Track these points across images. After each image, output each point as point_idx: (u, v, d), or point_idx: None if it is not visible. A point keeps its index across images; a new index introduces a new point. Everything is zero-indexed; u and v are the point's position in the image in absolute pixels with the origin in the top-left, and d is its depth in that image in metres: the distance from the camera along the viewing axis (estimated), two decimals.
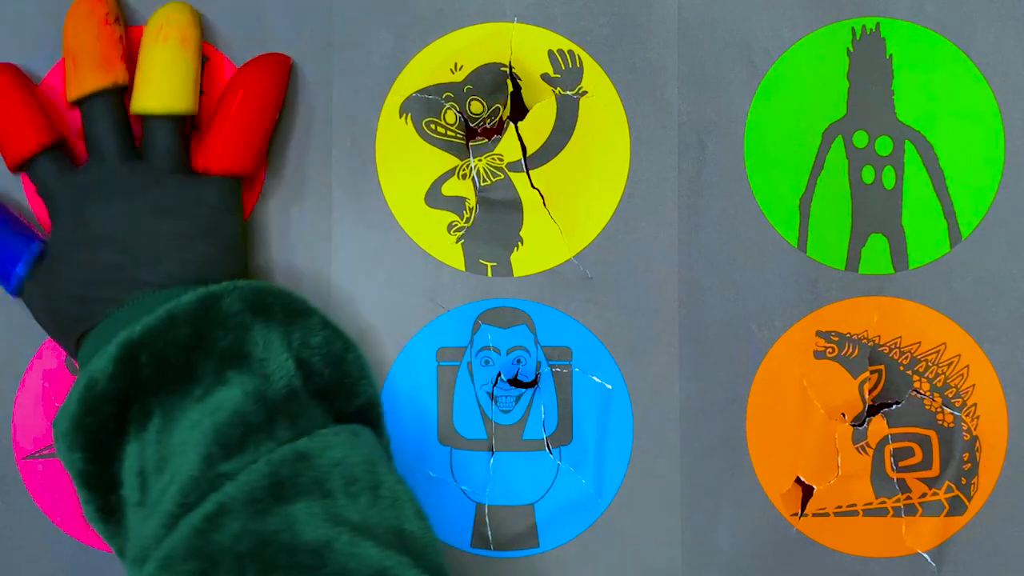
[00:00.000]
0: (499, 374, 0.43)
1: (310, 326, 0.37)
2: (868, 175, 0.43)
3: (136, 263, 0.37)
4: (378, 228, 0.43)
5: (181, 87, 0.39)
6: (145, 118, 0.39)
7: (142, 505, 0.34)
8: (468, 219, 0.43)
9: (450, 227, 0.43)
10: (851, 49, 0.43)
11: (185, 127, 0.40)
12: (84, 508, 0.36)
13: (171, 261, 0.38)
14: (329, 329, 0.38)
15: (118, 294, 0.37)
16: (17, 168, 0.40)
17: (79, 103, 0.39)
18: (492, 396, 0.43)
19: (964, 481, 0.42)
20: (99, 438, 0.35)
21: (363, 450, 0.35)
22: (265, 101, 0.40)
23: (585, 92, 0.43)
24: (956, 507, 0.42)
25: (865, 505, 0.43)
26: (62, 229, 0.39)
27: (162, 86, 0.39)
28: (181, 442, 0.34)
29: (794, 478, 0.43)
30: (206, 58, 0.43)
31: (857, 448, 0.43)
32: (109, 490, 0.35)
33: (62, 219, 0.39)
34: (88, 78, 0.39)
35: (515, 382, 0.43)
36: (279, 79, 0.41)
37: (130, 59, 0.40)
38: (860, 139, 0.43)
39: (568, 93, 0.43)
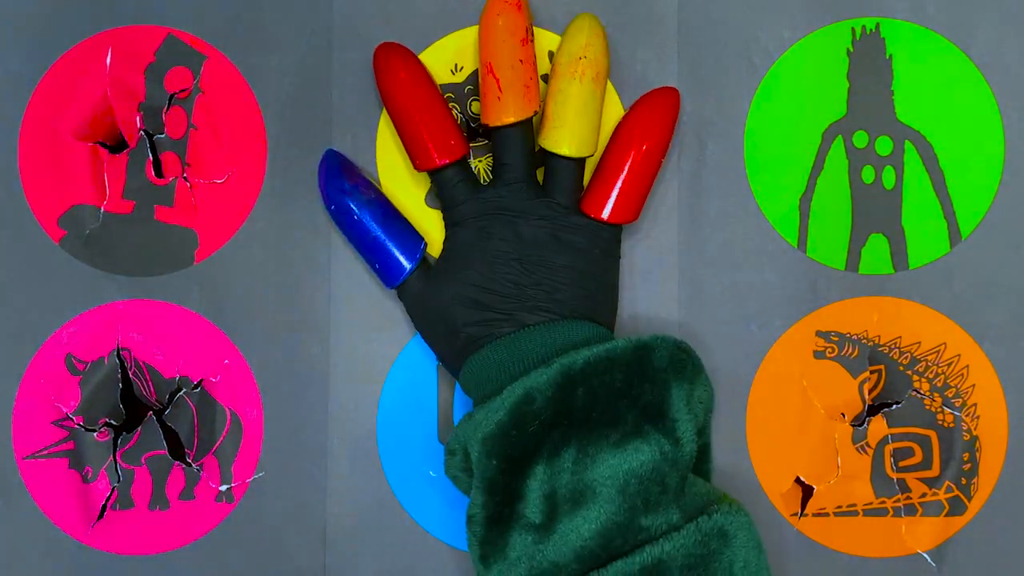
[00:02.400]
0: None
1: (701, 381, 0.39)
2: (868, 175, 0.43)
3: (535, 286, 0.39)
4: None
5: (592, 132, 0.40)
6: (553, 155, 0.40)
7: (544, 528, 0.36)
8: None
9: None
10: (851, 49, 0.43)
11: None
12: (472, 511, 0.37)
13: (566, 294, 0.39)
14: (707, 381, 0.40)
15: (514, 311, 0.38)
16: (426, 171, 0.40)
17: (494, 129, 0.40)
18: None
19: (964, 481, 0.42)
20: (517, 451, 0.36)
21: (755, 533, 0.37)
22: (660, 155, 0.40)
23: None
24: (956, 507, 0.42)
25: (865, 505, 0.43)
26: (465, 237, 0.40)
27: (575, 131, 0.39)
28: (599, 482, 0.35)
29: (794, 478, 0.43)
30: (205, 57, 0.43)
31: (857, 448, 0.43)
32: (506, 501, 0.36)
33: (466, 228, 0.40)
34: (513, 109, 0.39)
35: None
36: (672, 124, 0.41)
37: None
38: (860, 139, 0.43)
39: None
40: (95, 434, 0.42)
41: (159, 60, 0.43)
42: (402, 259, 0.40)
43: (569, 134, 0.39)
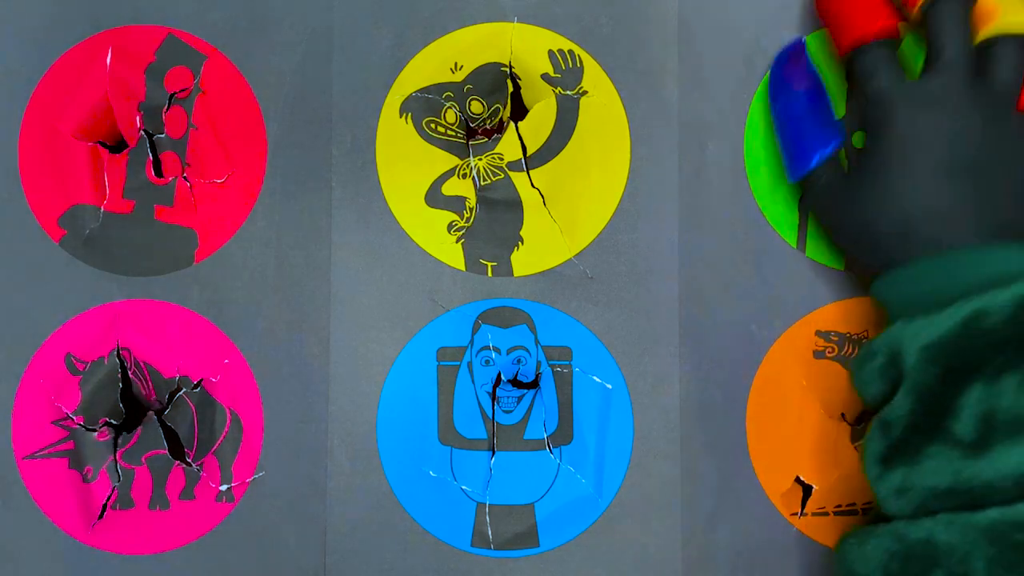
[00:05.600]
0: (499, 374, 0.43)
1: None
2: None
3: (981, 203, 0.35)
4: (378, 228, 0.43)
5: None
6: (1001, 41, 0.37)
7: (975, 447, 0.34)
8: (468, 219, 0.43)
9: (450, 227, 0.43)
10: None
11: None
12: (891, 415, 0.35)
13: (1000, 206, 0.36)
14: None
15: (945, 228, 0.35)
16: (849, 48, 0.38)
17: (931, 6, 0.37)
18: (494, 396, 0.43)
19: None
20: (959, 363, 0.34)
21: None
22: None
23: (585, 92, 0.43)
24: None
25: (865, 504, 0.43)
26: (893, 139, 0.37)
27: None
28: None
29: (794, 478, 0.43)
30: (205, 57, 0.43)
31: (856, 447, 0.43)
32: (934, 412, 0.35)
33: (895, 128, 0.37)
34: None
35: (515, 382, 0.43)
36: None
37: None
38: (859, 139, 0.43)
39: (568, 93, 0.43)
40: (95, 434, 0.42)
41: (159, 60, 0.43)
42: (809, 152, 0.39)
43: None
